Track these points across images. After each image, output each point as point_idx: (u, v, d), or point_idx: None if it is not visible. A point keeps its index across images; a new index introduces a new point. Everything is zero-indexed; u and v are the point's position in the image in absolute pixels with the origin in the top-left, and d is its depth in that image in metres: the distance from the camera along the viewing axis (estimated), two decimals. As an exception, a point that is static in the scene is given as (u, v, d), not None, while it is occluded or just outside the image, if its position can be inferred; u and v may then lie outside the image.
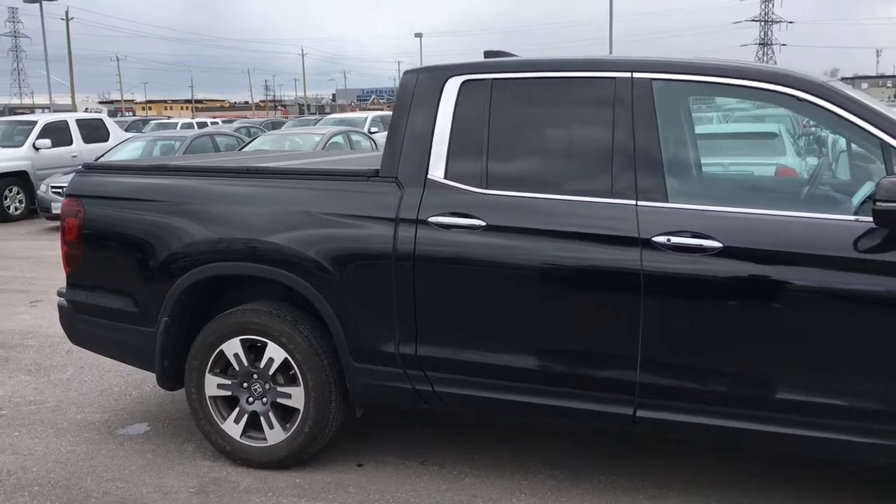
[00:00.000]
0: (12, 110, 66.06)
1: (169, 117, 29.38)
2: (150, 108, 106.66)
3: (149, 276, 4.21)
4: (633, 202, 3.50)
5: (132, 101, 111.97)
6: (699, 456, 4.17)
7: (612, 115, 3.60)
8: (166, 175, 4.34)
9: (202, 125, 25.21)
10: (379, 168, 3.92)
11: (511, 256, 3.63)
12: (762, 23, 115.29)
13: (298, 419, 4.07)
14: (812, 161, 11.67)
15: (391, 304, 3.81)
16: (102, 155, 14.67)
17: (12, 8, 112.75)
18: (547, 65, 3.83)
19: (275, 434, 4.12)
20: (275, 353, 4.06)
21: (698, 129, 12.45)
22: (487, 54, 4.45)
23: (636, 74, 3.62)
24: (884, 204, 3.05)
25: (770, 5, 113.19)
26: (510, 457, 4.24)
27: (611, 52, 46.76)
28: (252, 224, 4.01)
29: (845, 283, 3.22)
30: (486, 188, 3.74)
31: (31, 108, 72.92)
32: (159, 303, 4.18)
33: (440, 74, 3.91)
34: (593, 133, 3.66)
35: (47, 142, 15.17)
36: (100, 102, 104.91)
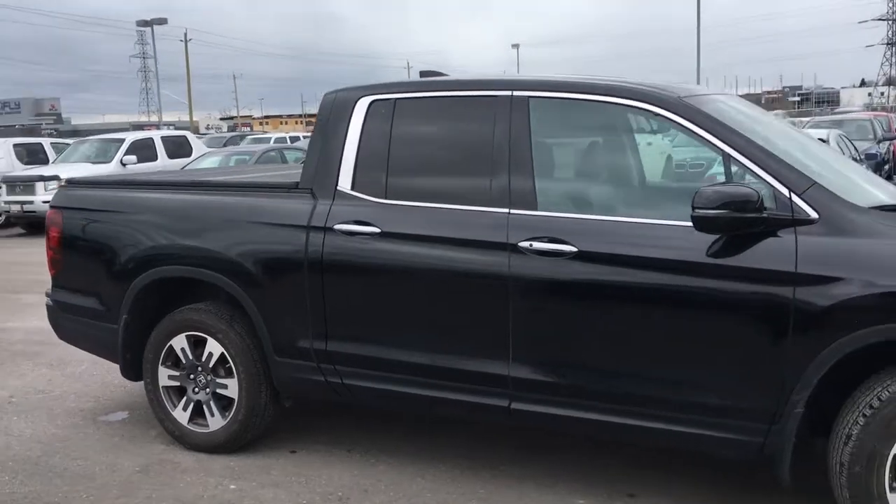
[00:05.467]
0: (139, 127, 69.88)
1: (265, 132, 30.90)
2: (266, 123, 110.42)
3: (112, 279, 4.73)
4: (507, 210, 3.80)
5: (249, 116, 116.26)
6: (591, 448, 4.40)
7: (493, 130, 3.90)
8: (127, 188, 4.89)
9: (294, 139, 26.35)
10: (299, 181, 4.33)
11: (400, 260, 3.97)
12: (890, 21, 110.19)
13: (234, 408, 4.51)
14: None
15: (305, 304, 4.20)
16: (183, 168, 15.65)
17: (140, 31, 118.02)
18: (442, 84, 4.18)
19: (215, 421, 4.58)
20: (213, 348, 4.52)
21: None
22: (422, 74, 4.81)
23: (516, 93, 3.91)
24: (700, 211, 3.26)
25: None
26: (428, 446, 4.56)
27: (698, 60, 45.87)
28: (190, 231, 4.48)
29: (679, 284, 3.44)
30: (385, 198, 4.09)
31: (158, 125, 76.81)
32: (120, 302, 4.70)
33: (353, 95, 4.30)
34: (477, 147, 3.96)
35: (133, 158, 16.29)
36: (221, 119, 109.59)
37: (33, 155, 18.71)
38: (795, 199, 3.34)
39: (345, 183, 4.19)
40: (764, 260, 3.32)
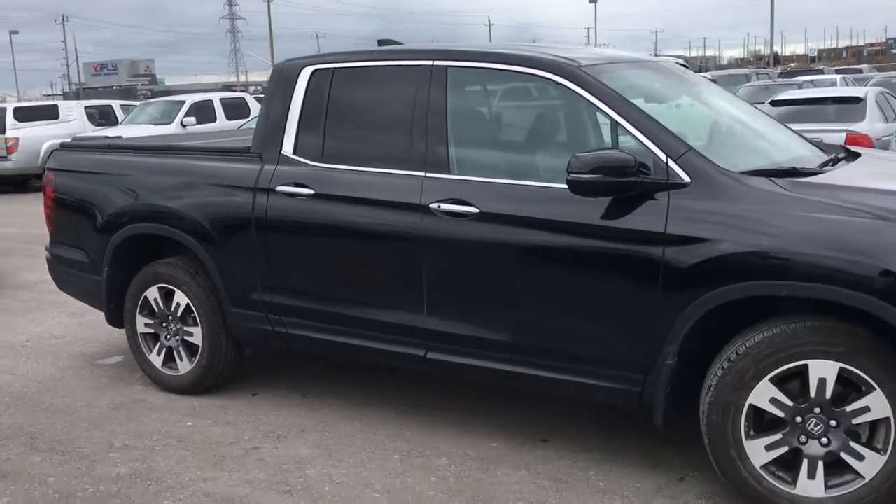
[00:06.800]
0: (229, 87, 71.57)
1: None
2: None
3: (95, 234, 5.19)
4: (423, 174, 4.07)
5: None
6: (512, 396, 4.66)
7: (415, 98, 4.16)
8: (108, 152, 5.33)
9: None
10: (251, 145, 4.68)
11: (330, 220, 4.30)
12: None
13: (199, 354, 4.94)
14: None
15: (253, 259, 4.58)
16: (239, 127, 16.26)
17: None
18: (373, 55, 4.45)
19: (184, 365, 5.02)
20: (181, 299, 4.94)
21: (783, 96, 12.26)
22: (380, 43, 5.08)
23: (436, 62, 4.16)
24: (575, 175, 3.48)
25: None
26: (376, 394, 4.90)
27: (772, 26, 44.46)
28: (158, 192, 4.89)
29: (565, 243, 3.69)
30: (322, 162, 4.41)
31: (245, 86, 78.30)
32: (102, 256, 5.16)
33: (298, 64, 4.60)
34: (402, 114, 4.22)
35: (192, 119, 16.97)
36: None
37: (105, 117, 19.61)
38: (671, 163, 3.53)
39: (288, 147, 4.52)
40: (639, 221, 3.53)
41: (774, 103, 11.84)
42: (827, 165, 4.04)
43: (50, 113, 18.52)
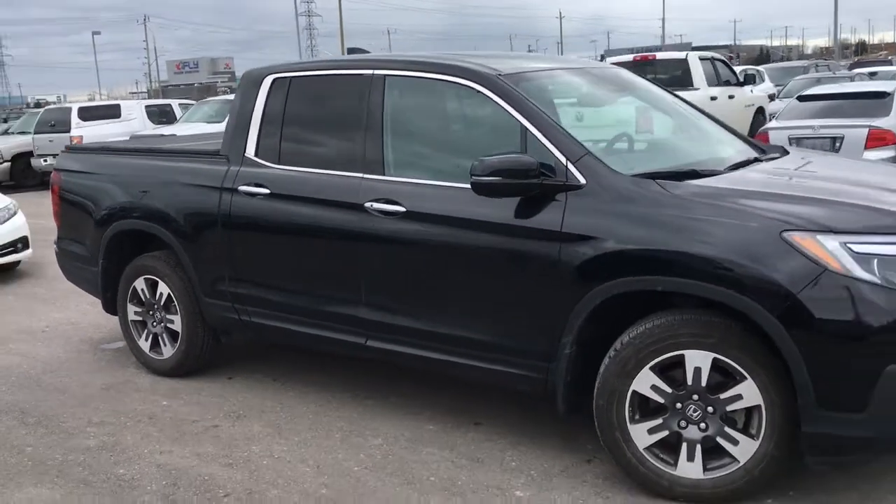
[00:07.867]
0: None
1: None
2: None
3: (92, 229, 5.68)
4: (361, 175, 4.41)
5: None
6: (457, 386, 4.91)
7: (357, 104, 4.50)
8: (104, 153, 5.81)
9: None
10: (220, 148, 5.09)
11: (283, 217, 4.68)
12: None
13: (178, 340, 5.38)
14: None
15: (220, 253, 4.99)
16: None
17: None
18: (325, 64, 4.81)
19: (167, 350, 5.47)
20: (163, 289, 5.39)
21: (810, 91, 12.24)
22: (350, 51, 5.44)
23: (376, 71, 4.49)
24: (476, 177, 3.77)
25: None
26: (340, 381, 5.25)
27: (835, 16, 43.06)
28: (141, 191, 5.34)
29: (477, 240, 3.98)
30: (278, 164, 4.78)
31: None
32: (98, 249, 5.65)
33: (262, 73, 4.99)
34: (346, 120, 4.57)
35: (242, 117, 17.60)
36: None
37: (165, 115, 20.48)
38: (570, 166, 3.79)
39: (251, 150, 4.90)
40: (540, 220, 3.80)
41: (801, 98, 11.80)
42: (741, 167, 4.23)
43: (112, 112, 19.48)
